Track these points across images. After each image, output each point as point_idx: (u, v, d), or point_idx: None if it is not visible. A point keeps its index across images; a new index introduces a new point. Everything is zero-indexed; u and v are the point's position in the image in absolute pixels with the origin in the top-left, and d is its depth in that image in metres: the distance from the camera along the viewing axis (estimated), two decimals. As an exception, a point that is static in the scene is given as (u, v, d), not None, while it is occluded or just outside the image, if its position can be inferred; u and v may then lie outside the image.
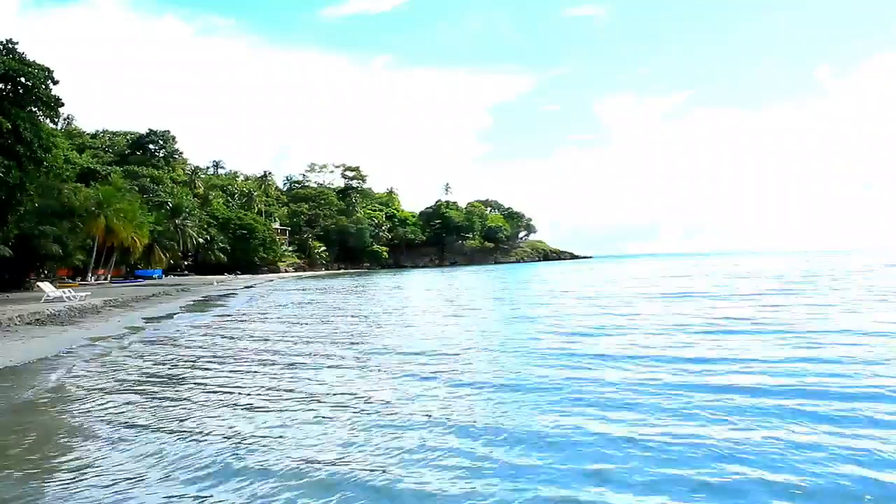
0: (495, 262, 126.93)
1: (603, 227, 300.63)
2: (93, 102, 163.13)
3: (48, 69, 28.37)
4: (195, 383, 8.99)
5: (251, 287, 47.14)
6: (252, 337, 14.46)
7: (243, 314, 22.23)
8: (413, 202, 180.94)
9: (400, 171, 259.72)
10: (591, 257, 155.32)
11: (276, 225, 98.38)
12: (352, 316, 19.41)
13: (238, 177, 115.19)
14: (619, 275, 48.57)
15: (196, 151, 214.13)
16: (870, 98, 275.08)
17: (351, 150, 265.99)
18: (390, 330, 15.11)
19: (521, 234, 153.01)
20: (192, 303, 28.66)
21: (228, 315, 21.86)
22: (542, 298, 23.82)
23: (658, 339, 11.50)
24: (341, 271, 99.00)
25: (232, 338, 14.34)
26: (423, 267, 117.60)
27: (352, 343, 12.60)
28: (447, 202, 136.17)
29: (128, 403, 7.68)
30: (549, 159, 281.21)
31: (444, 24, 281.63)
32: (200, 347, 12.92)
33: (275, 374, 9.36)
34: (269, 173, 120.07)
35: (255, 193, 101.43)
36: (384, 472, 4.89)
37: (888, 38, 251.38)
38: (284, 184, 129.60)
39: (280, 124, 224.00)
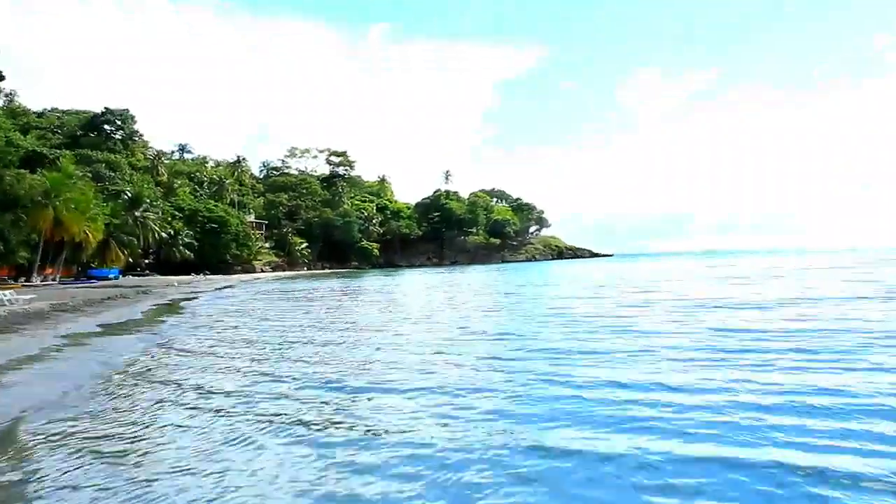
0: (502, 261, 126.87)
1: (626, 221, 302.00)
2: (40, 77, 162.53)
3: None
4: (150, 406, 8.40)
5: (222, 289, 46.57)
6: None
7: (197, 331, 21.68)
8: (408, 192, 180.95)
9: (393, 157, 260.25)
10: (611, 255, 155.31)
11: (251, 218, 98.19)
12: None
13: (207, 162, 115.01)
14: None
15: (159, 133, 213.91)
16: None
17: (337, 133, 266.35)
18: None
19: (532, 229, 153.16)
20: (154, 307, 28.15)
21: (188, 324, 21.33)
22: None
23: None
24: (326, 271, 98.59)
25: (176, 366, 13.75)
26: (419, 266, 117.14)
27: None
28: (447, 192, 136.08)
29: (69, 422, 7.11)
30: (564, 144, 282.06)
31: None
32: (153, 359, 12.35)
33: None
34: (243, 158, 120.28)
35: (227, 181, 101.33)
36: None
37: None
38: (261, 170, 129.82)
39: (256, 103, 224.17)
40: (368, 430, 6.75)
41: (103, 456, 6.23)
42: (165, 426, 7.29)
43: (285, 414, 7.62)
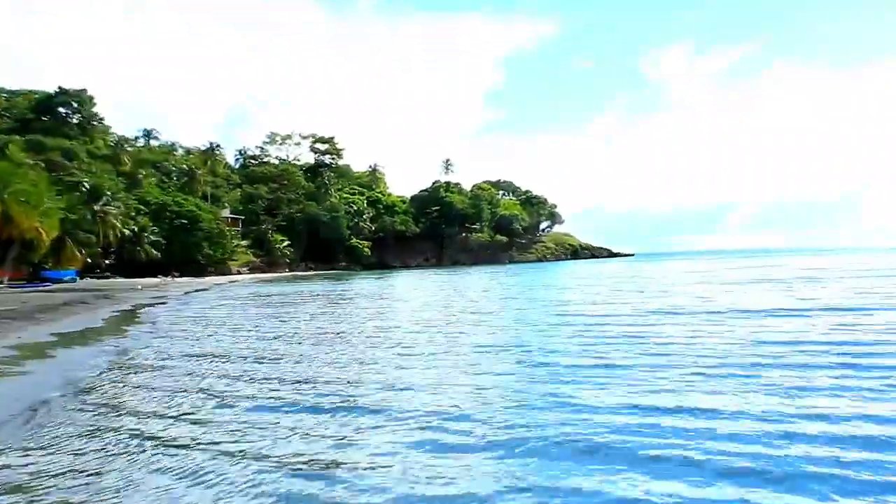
0: (509, 261, 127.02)
1: (650, 216, 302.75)
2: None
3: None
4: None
5: (192, 293, 46.48)
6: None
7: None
8: (404, 184, 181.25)
9: (387, 144, 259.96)
10: (632, 255, 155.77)
11: (226, 213, 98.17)
12: None
13: (176, 150, 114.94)
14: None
15: (121, 117, 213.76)
16: None
17: (323, 117, 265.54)
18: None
19: (543, 226, 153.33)
20: (115, 314, 28.15)
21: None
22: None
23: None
24: (310, 272, 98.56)
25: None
26: (416, 267, 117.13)
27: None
28: (447, 184, 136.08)
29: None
30: (579, 128, 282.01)
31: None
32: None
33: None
34: (217, 146, 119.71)
35: (199, 172, 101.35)
36: None
37: None
38: (237, 159, 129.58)
39: (231, 82, 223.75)
40: (352, 466, 6.62)
41: (28, 494, 6.06)
42: (117, 459, 7.12)
43: (258, 444, 7.49)
